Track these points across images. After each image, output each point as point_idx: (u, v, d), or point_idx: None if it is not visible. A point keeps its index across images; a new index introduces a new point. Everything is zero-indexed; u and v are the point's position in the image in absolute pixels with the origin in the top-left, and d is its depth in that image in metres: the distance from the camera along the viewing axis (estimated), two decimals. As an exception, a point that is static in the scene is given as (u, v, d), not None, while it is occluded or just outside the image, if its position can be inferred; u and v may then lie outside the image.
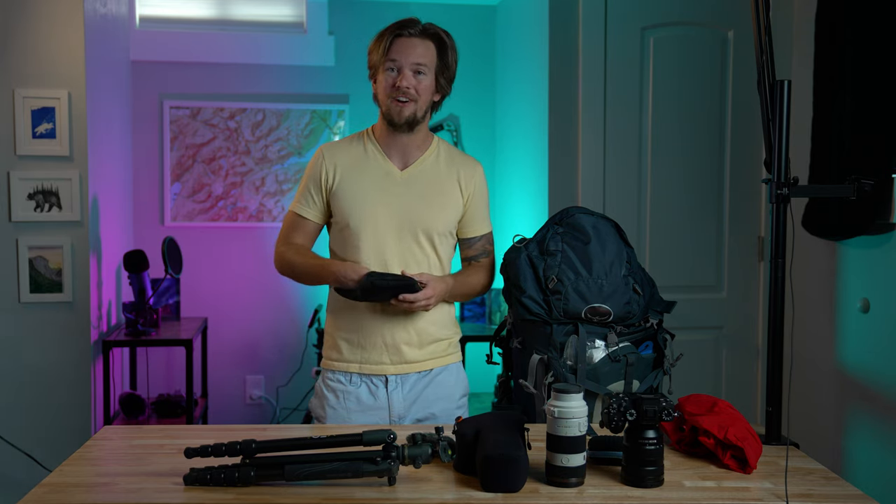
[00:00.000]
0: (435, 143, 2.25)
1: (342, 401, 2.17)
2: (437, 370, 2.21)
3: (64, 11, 3.18)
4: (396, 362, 2.16)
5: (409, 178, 2.18)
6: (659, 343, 2.09)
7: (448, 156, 2.24)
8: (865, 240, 2.75)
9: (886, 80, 2.58)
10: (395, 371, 2.16)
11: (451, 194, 2.21)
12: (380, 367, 2.16)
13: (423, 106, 2.15)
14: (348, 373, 2.18)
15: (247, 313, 4.33)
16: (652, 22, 3.40)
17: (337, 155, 2.20)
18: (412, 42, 2.13)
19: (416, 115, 2.14)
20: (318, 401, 2.22)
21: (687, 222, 3.46)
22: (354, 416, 2.16)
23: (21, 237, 3.20)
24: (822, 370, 3.02)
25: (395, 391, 2.17)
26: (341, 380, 2.19)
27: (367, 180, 2.17)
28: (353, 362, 2.17)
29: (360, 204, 2.15)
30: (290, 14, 4.36)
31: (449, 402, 2.22)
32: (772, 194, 1.84)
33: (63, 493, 1.50)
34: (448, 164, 2.23)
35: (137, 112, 4.22)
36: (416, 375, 2.19)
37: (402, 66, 2.11)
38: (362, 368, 2.17)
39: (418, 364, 2.18)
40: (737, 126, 3.46)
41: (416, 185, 2.18)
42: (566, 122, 3.41)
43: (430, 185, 2.19)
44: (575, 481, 1.54)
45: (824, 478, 1.62)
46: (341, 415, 2.17)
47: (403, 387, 2.18)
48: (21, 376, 3.22)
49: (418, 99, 2.13)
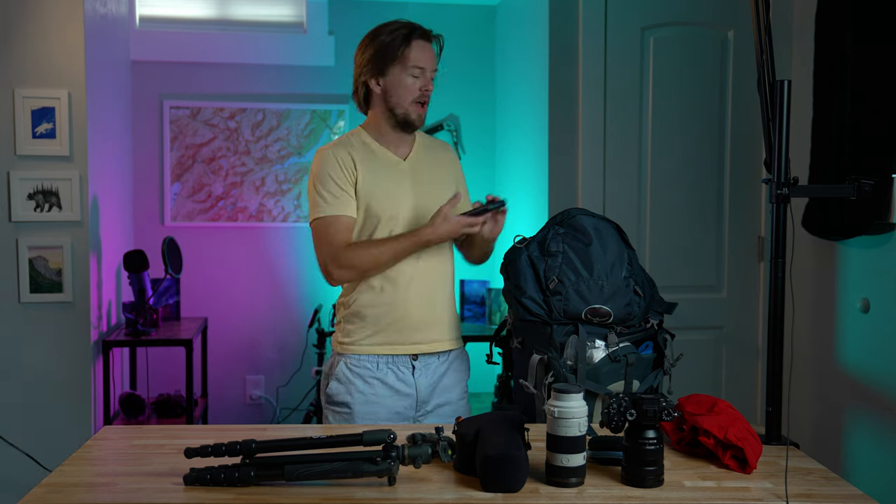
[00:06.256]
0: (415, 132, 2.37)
1: (371, 386, 2.19)
2: (453, 354, 2.29)
3: (64, 11, 3.17)
4: (427, 340, 2.22)
5: (412, 165, 2.28)
6: (659, 343, 2.09)
7: (427, 141, 2.38)
8: (865, 240, 2.75)
9: (886, 80, 2.58)
10: (427, 350, 2.22)
11: (451, 173, 2.34)
12: (413, 347, 2.20)
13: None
14: (375, 357, 2.20)
15: (247, 313, 4.33)
16: (652, 22, 3.40)
17: (347, 151, 2.23)
18: (428, 47, 2.23)
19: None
20: (342, 386, 2.20)
21: (687, 222, 3.46)
22: (384, 400, 2.19)
23: (21, 237, 3.20)
24: (822, 370, 3.02)
25: (421, 376, 2.22)
26: (368, 366, 2.20)
27: (382, 171, 2.23)
28: (386, 344, 2.20)
29: (388, 195, 2.20)
30: (289, 14, 4.36)
31: (461, 388, 2.30)
32: (772, 194, 1.84)
33: (63, 493, 1.50)
34: (433, 148, 2.36)
35: (137, 112, 4.22)
36: (436, 360, 2.25)
37: (426, 72, 2.22)
38: (395, 349, 2.20)
39: (444, 343, 2.25)
40: (737, 126, 3.46)
41: (420, 170, 2.27)
42: (566, 121, 3.41)
43: (431, 169, 2.30)
44: (575, 481, 1.54)
45: (824, 478, 1.62)
46: (371, 399, 2.19)
47: (427, 371, 2.23)
48: (21, 376, 3.21)
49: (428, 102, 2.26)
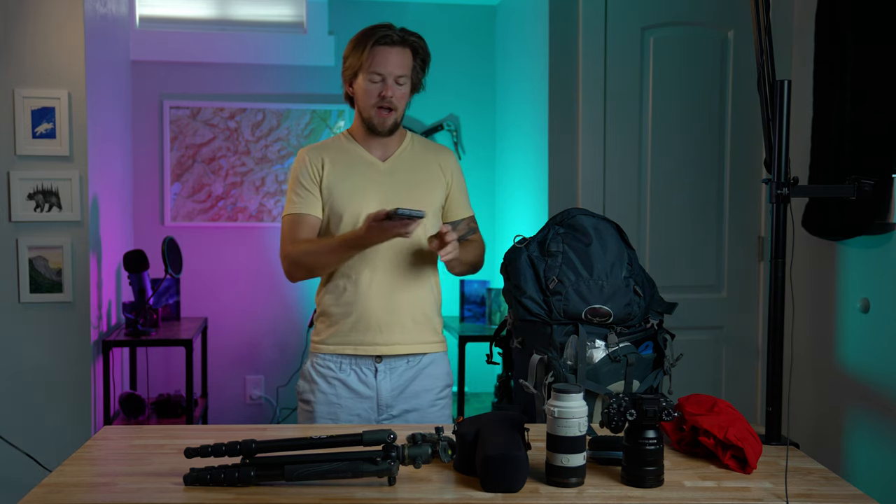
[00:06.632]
0: (409, 136, 2.35)
1: (333, 387, 2.22)
2: (425, 360, 2.27)
3: (64, 11, 3.17)
4: (389, 342, 2.21)
5: (392, 167, 2.27)
6: (659, 343, 2.09)
7: (423, 145, 2.36)
8: (865, 240, 2.75)
9: (886, 80, 2.58)
10: (388, 352, 2.21)
11: (434, 178, 2.30)
12: (373, 348, 2.21)
13: (402, 112, 2.27)
14: (338, 357, 2.22)
15: (247, 313, 4.33)
16: (652, 22, 3.40)
17: (320, 152, 2.28)
18: (394, 52, 2.19)
19: (397, 123, 2.25)
20: (307, 384, 2.26)
21: (687, 222, 3.46)
22: (344, 401, 2.22)
23: (21, 237, 3.20)
24: (822, 370, 3.02)
25: (384, 380, 2.22)
26: (331, 366, 2.23)
27: (354, 172, 2.23)
28: (349, 344, 2.21)
29: (351, 194, 2.21)
30: (289, 14, 4.36)
31: (433, 394, 2.28)
32: (772, 194, 1.83)
33: (63, 493, 1.50)
34: (425, 152, 2.33)
35: (137, 112, 4.22)
36: (404, 364, 2.24)
37: (385, 78, 2.19)
38: (357, 350, 2.21)
39: (408, 346, 2.23)
40: (737, 126, 3.46)
41: (400, 173, 2.26)
42: (566, 121, 3.41)
43: (413, 172, 2.28)
44: (575, 481, 1.54)
45: (824, 478, 1.62)
46: (330, 399, 2.22)
47: (391, 375, 2.23)
48: (21, 376, 3.22)
49: (398, 108, 2.23)
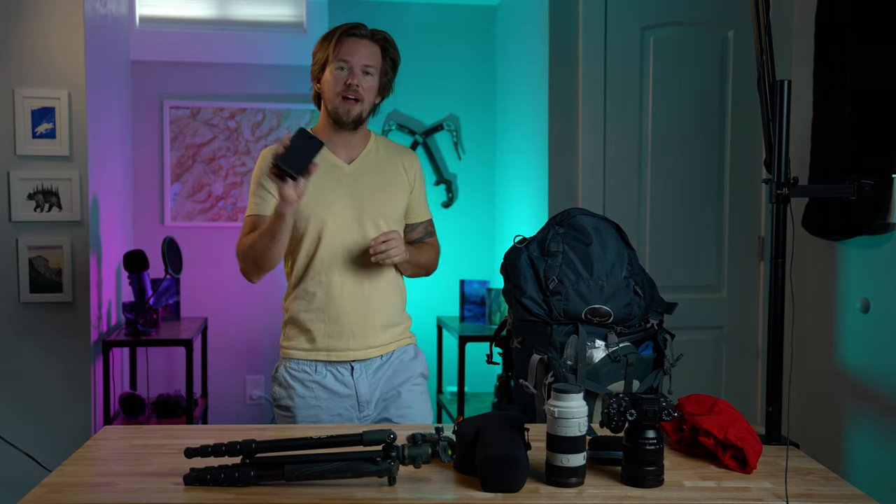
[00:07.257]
0: (373, 137, 2.34)
1: (310, 389, 2.23)
2: (396, 352, 2.30)
3: (64, 11, 3.17)
4: (362, 347, 2.23)
5: (358, 169, 2.26)
6: (659, 343, 2.09)
7: (387, 147, 2.35)
8: (865, 240, 2.75)
9: (886, 80, 2.58)
10: (362, 356, 2.23)
11: (399, 181, 2.30)
12: (346, 353, 2.22)
13: (368, 106, 2.26)
14: (314, 362, 2.23)
15: (247, 313, 4.33)
16: (652, 22, 3.40)
17: None
18: (362, 43, 2.21)
19: (362, 115, 2.24)
20: (283, 390, 2.25)
21: (687, 222, 3.46)
22: (323, 403, 2.22)
23: (21, 237, 3.20)
24: (822, 370, 3.02)
25: (361, 378, 2.24)
26: (306, 369, 2.23)
27: (318, 175, 2.16)
28: (321, 350, 2.22)
29: (316, 197, 2.18)
30: (289, 14, 4.36)
31: (410, 375, 2.30)
32: (772, 194, 1.83)
33: (63, 493, 1.50)
34: (389, 154, 2.33)
35: (137, 112, 4.22)
36: (378, 361, 2.26)
37: (352, 66, 2.20)
38: (330, 356, 2.22)
39: (381, 348, 2.26)
40: (737, 126, 3.46)
41: (365, 175, 2.26)
42: (566, 122, 3.41)
43: (378, 174, 2.28)
44: (575, 481, 1.54)
45: (824, 478, 1.62)
46: (310, 403, 2.22)
47: (368, 373, 2.24)
48: (21, 376, 3.21)
49: (364, 99, 2.22)
